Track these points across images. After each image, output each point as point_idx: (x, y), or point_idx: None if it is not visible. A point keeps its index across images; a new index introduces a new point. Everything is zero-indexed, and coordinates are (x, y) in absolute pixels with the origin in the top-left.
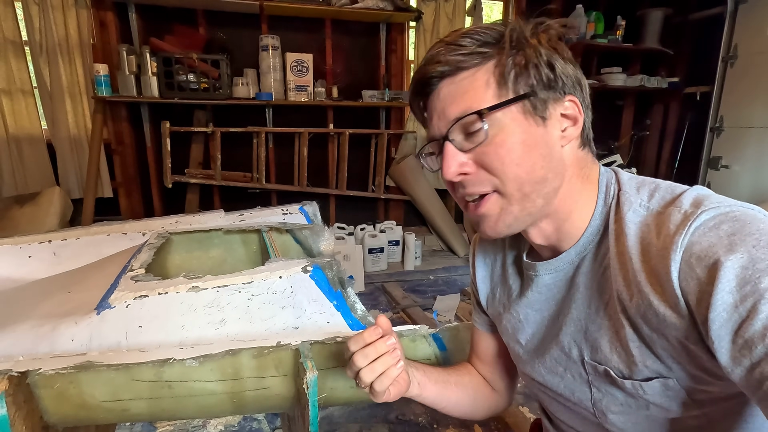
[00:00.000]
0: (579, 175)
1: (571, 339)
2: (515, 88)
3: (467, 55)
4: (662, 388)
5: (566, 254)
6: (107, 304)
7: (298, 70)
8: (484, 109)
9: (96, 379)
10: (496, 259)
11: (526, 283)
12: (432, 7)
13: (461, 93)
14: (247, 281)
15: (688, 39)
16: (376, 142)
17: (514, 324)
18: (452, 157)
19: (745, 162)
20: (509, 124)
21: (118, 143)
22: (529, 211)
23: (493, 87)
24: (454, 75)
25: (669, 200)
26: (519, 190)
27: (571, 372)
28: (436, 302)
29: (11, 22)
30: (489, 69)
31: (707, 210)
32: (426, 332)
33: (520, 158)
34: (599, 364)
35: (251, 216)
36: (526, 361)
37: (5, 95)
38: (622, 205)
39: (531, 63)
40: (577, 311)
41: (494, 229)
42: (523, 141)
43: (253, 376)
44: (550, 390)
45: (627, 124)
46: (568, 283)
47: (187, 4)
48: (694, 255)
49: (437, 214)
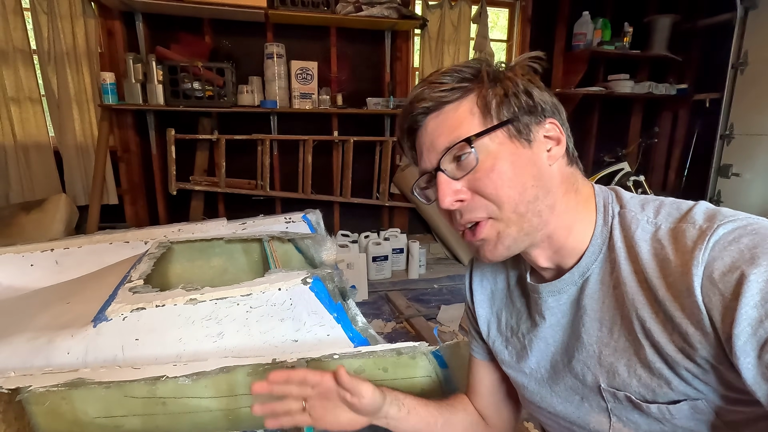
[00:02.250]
0: (572, 190)
1: (584, 365)
2: (499, 116)
3: (449, 91)
4: (691, 411)
5: (569, 275)
6: (104, 316)
7: (303, 77)
8: (471, 135)
9: (88, 396)
10: (497, 280)
11: (531, 306)
12: (437, 15)
13: (448, 125)
14: (245, 293)
15: (697, 45)
16: (381, 149)
17: (519, 351)
18: (447, 185)
19: (756, 170)
20: (497, 149)
21: (123, 150)
22: (527, 231)
23: (477, 116)
24: (439, 110)
25: (678, 216)
26: (514, 212)
27: (588, 401)
28: (440, 312)
29: (21, 31)
30: (472, 100)
31: (724, 224)
32: (426, 349)
33: (511, 180)
34: (618, 390)
35: (254, 225)
36: (533, 391)
37: (14, 103)
38: (629, 223)
39: (510, 92)
40: (587, 336)
41: (494, 253)
42: (512, 162)
43: (249, 393)
44: (563, 419)
45: (635, 131)
46: (574, 306)
47: (194, 13)
48: (717, 270)
49: (442, 221)
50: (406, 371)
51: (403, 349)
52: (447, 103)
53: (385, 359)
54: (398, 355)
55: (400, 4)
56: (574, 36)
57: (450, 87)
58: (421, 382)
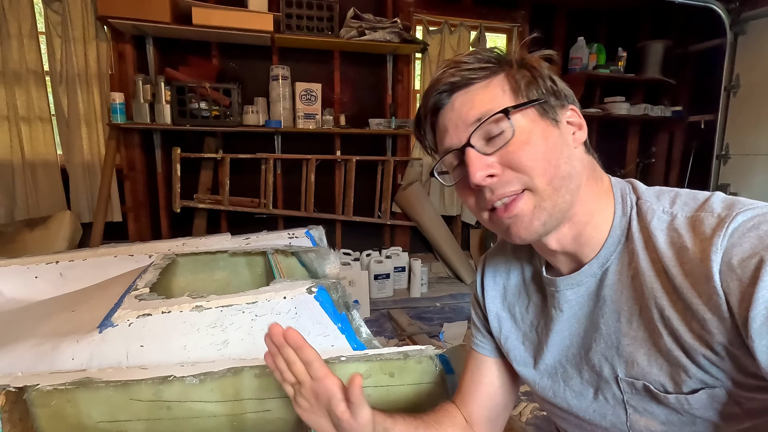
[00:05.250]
0: (593, 177)
1: (601, 357)
2: (528, 95)
3: (476, 71)
4: (709, 399)
5: (588, 267)
6: (110, 322)
7: (307, 98)
8: (509, 107)
9: (93, 398)
10: (510, 275)
11: (547, 300)
12: (437, 40)
13: (478, 99)
14: (251, 301)
15: (690, 69)
16: (383, 168)
17: (536, 346)
18: (478, 159)
19: (753, 189)
20: (530, 125)
21: (129, 169)
22: (561, 206)
23: (509, 93)
24: (467, 86)
25: (695, 206)
26: (550, 184)
27: (603, 393)
28: (444, 329)
29: (35, 53)
30: (501, 80)
31: (743, 211)
32: (432, 353)
33: (546, 153)
34: (637, 380)
35: (257, 239)
36: (546, 386)
37: (24, 122)
38: (645, 213)
39: (537, 76)
40: (606, 327)
41: (529, 230)
42: (545, 138)
43: (254, 397)
44: (576, 416)
45: (632, 151)
46: (593, 297)
47: (202, 37)
48: (735, 256)
49: (443, 240)
50: (412, 377)
51: (410, 352)
52: (475, 81)
53: (391, 364)
54: (405, 359)
55: (402, 29)
56: (570, 60)
57: (477, 66)
58: (427, 389)
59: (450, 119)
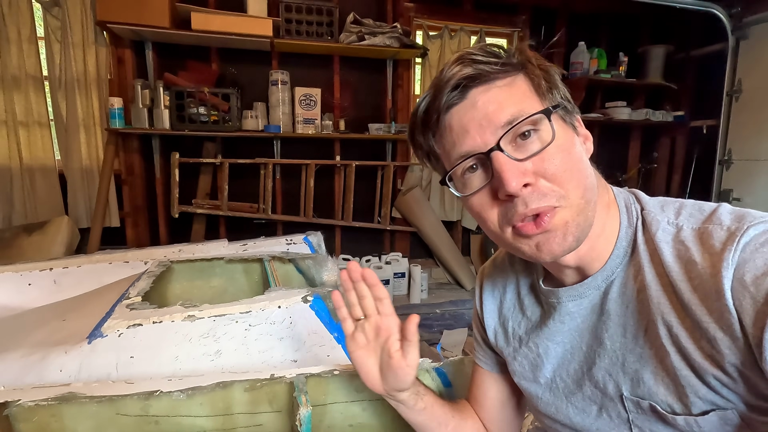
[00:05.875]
0: (602, 186)
1: (606, 373)
2: (551, 99)
3: (495, 66)
4: (720, 422)
5: (592, 279)
6: (99, 332)
7: (307, 103)
8: (549, 107)
9: (79, 413)
10: (506, 290)
11: (546, 312)
12: (437, 45)
13: (505, 98)
14: (244, 311)
15: (691, 74)
16: (383, 173)
17: (532, 359)
18: (513, 166)
19: (756, 194)
20: (559, 130)
21: (128, 174)
22: (590, 221)
23: (534, 95)
24: (489, 83)
25: (702, 217)
26: (582, 197)
27: (607, 412)
28: (443, 337)
29: (34, 58)
30: (523, 80)
31: (754, 225)
32: (429, 366)
33: (578, 163)
34: (642, 399)
35: (255, 245)
36: (548, 401)
37: (22, 127)
38: (650, 224)
39: (553, 79)
40: (611, 342)
41: (563, 245)
42: (574, 145)
43: (245, 411)
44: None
45: (634, 156)
46: (596, 311)
47: (202, 43)
48: (748, 272)
49: (444, 246)
50: None
51: None
52: (497, 78)
53: None
54: None
55: (402, 34)
56: (571, 65)
57: (495, 61)
58: None
59: (472, 119)
